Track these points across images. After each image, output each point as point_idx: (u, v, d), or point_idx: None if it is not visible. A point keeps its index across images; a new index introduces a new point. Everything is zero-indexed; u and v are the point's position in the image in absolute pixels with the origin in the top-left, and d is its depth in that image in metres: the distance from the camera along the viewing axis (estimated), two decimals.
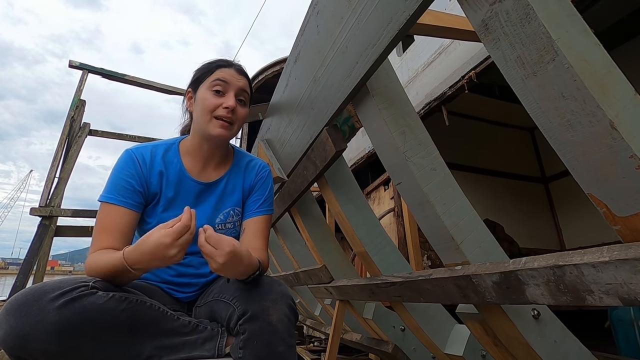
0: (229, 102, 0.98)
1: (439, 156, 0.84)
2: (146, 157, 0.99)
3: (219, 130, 0.98)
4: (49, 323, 0.67)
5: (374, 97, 0.86)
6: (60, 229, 4.89)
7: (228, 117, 0.99)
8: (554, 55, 0.47)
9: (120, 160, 0.98)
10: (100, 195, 0.93)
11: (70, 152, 5.18)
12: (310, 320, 2.84)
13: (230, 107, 0.98)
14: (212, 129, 0.98)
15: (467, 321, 0.88)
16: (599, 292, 0.48)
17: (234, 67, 1.04)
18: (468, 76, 2.04)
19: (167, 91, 6.39)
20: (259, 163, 1.15)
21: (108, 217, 0.91)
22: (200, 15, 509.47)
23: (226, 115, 0.98)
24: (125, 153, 0.99)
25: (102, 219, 0.91)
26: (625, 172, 0.45)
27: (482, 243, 0.79)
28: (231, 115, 0.99)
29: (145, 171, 0.98)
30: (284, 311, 0.79)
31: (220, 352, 0.84)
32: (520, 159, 3.68)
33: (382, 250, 1.20)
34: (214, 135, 0.99)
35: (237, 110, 1.00)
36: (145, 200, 0.98)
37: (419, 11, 0.65)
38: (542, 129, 0.53)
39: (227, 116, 0.98)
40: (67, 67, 5.76)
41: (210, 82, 1.00)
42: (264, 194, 1.10)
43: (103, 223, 0.90)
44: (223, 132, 0.99)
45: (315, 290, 1.70)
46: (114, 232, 0.89)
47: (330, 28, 0.95)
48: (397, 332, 1.52)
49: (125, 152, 0.99)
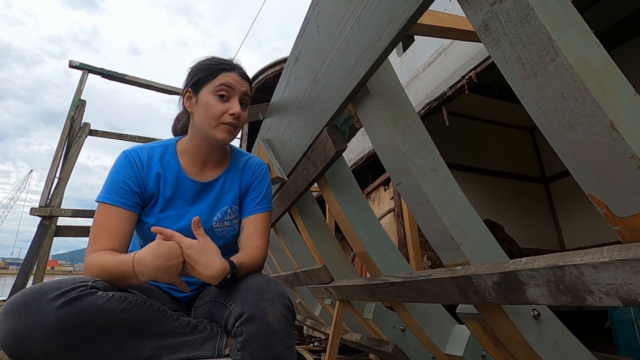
0: (235, 109, 1.00)
1: (439, 156, 0.84)
2: (143, 159, 1.00)
3: (225, 136, 1.00)
4: (48, 323, 0.67)
5: (374, 97, 0.86)
6: (60, 229, 4.89)
7: (234, 124, 1.01)
8: (554, 55, 0.47)
9: (118, 161, 0.98)
10: (98, 196, 0.93)
11: (70, 152, 5.17)
12: (310, 320, 2.84)
13: (236, 113, 1.00)
14: (218, 134, 1.00)
15: (467, 321, 0.88)
16: (599, 293, 0.48)
17: (237, 72, 1.04)
18: (468, 76, 2.04)
19: (166, 91, 6.39)
20: (255, 161, 1.15)
21: (106, 217, 0.91)
22: (197, 17, 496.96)
23: (232, 122, 1.00)
24: (122, 154, 1.00)
25: (100, 219, 0.91)
26: (625, 172, 0.45)
27: (482, 243, 0.79)
28: (237, 122, 1.01)
29: (142, 172, 0.98)
30: (280, 311, 0.79)
31: (220, 353, 0.83)
32: (520, 159, 3.68)
33: (382, 250, 1.20)
34: (220, 140, 1.00)
35: (241, 116, 1.02)
36: (143, 201, 0.99)
37: (419, 11, 0.65)
38: (542, 129, 0.53)
39: (234, 122, 1.00)
40: (66, 67, 5.77)
41: (215, 87, 1.00)
42: (261, 191, 1.10)
43: (101, 223, 0.90)
44: (228, 137, 1.01)
45: (315, 291, 1.70)
46: (112, 232, 0.89)
47: (330, 28, 0.95)
48: (397, 332, 1.52)
49: (123, 153, 1.00)
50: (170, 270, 0.80)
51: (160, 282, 0.84)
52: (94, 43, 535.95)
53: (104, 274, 0.81)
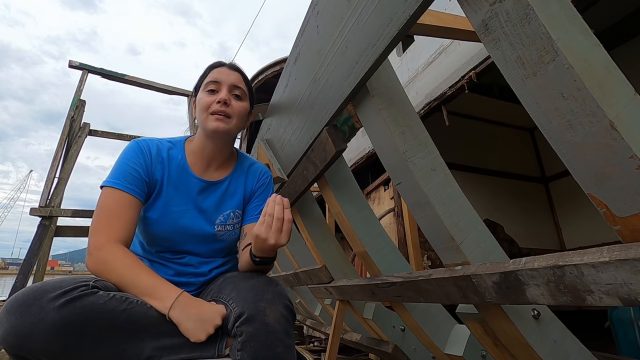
0: (220, 96, 1.01)
1: (439, 156, 0.84)
2: (152, 150, 1.01)
3: (216, 124, 1.00)
4: (49, 322, 0.67)
5: (374, 97, 0.86)
6: (60, 229, 4.89)
7: (222, 111, 1.01)
8: (554, 55, 0.47)
9: (128, 149, 0.99)
10: (105, 181, 0.92)
11: (70, 152, 5.17)
12: (310, 320, 2.84)
13: (222, 99, 1.01)
14: (209, 124, 1.01)
15: (467, 321, 0.88)
16: (599, 292, 0.48)
17: (225, 66, 1.08)
18: (468, 76, 2.04)
19: (166, 91, 6.39)
20: (261, 168, 1.16)
21: (116, 203, 0.90)
22: (196, 17, 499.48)
23: (219, 109, 1.01)
24: (133, 142, 1.01)
25: (108, 204, 0.90)
26: (625, 172, 0.45)
27: (482, 243, 0.79)
28: (225, 109, 1.01)
29: (150, 163, 0.99)
30: (280, 311, 0.79)
31: (220, 353, 0.83)
32: (520, 159, 3.68)
33: (382, 250, 1.20)
34: (212, 129, 1.01)
35: (231, 104, 1.03)
36: (148, 191, 0.99)
37: (419, 11, 0.65)
38: (542, 129, 0.53)
39: (221, 110, 1.01)
40: (65, 68, 5.77)
41: (205, 84, 1.04)
42: (264, 199, 1.10)
43: (112, 208, 0.89)
44: (220, 125, 1.01)
45: (315, 290, 1.70)
46: (126, 220, 0.89)
47: (330, 28, 0.95)
48: (397, 332, 1.52)
49: (134, 141, 1.01)
50: (205, 325, 0.81)
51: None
52: (92, 43, 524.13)
53: (124, 277, 0.82)
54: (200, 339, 0.79)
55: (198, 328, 0.79)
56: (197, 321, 0.80)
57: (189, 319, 0.80)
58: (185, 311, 0.80)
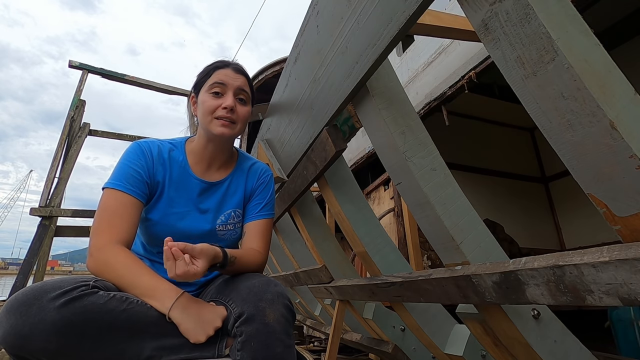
0: (227, 102, 1.00)
1: (439, 156, 0.84)
2: (153, 151, 1.00)
3: (221, 129, 1.00)
4: (49, 322, 0.67)
5: (374, 97, 0.86)
6: (60, 229, 4.89)
7: (227, 117, 1.00)
8: (554, 55, 0.47)
9: (130, 150, 0.99)
10: (107, 182, 0.93)
11: (70, 152, 5.17)
12: (310, 320, 2.84)
13: (228, 106, 1.00)
14: (214, 128, 1.00)
15: (467, 321, 0.88)
16: (599, 292, 0.48)
17: (230, 67, 1.05)
18: (468, 76, 2.04)
19: (166, 91, 6.38)
20: (261, 167, 1.16)
21: (118, 204, 0.90)
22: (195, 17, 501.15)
23: (225, 115, 1.00)
24: (134, 144, 1.00)
25: (110, 205, 0.90)
26: (625, 172, 0.45)
27: (482, 243, 0.79)
28: (231, 115, 1.01)
29: (152, 164, 0.99)
30: (280, 311, 0.79)
31: (220, 353, 0.83)
32: (520, 159, 3.68)
33: (382, 250, 1.20)
34: (217, 134, 1.00)
35: (236, 109, 1.02)
36: (150, 192, 0.99)
37: (419, 11, 0.65)
38: (542, 129, 0.53)
39: (227, 116, 1.00)
40: (65, 68, 5.82)
41: (209, 85, 1.02)
42: (265, 198, 1.11)
43: (112, 208, 0.90)
44: (225, 131, 1.00)
45: (315, 290, 1.70)
46: (124, 219, 0.89)
47: (330, 28, 0.95)
48: (397, 332, 1.52)
49: (135, 143, 1.01)
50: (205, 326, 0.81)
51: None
52: (92, 44, 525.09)
53: (124, 278, 0.82)
54: (199, 340, 0.79)
55: (198, 329, 0.79)
56: (197, 322, 0.80)
57: (189, 320, 0.80)
58: (185, 312, 0.80)
